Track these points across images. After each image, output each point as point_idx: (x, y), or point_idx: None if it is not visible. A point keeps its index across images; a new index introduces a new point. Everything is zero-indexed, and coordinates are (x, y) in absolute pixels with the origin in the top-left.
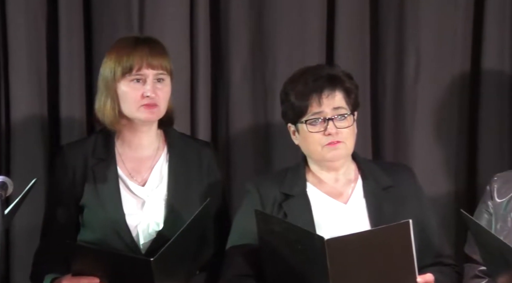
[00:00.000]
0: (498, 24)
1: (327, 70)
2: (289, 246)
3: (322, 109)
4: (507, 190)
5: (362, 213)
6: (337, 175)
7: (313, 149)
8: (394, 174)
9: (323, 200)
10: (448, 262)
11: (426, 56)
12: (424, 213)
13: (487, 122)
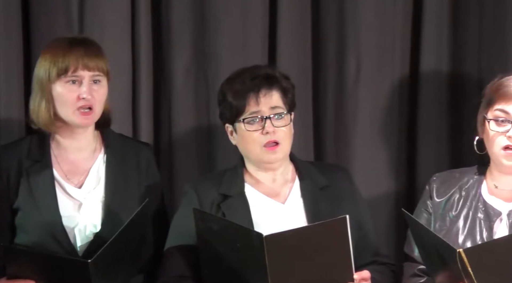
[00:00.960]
0: (436, 27)
1: (264, 70)
2: (227, 244)
3: (259, 108)
4: (446, 189)
5: (299, 212)
6: (275, 175)
7: (251, 148)
8: (330, 174)
9: (261, 200)
10: (384, 261)
11: (366, 58)
12: (360, 213)
13: (426, 123)
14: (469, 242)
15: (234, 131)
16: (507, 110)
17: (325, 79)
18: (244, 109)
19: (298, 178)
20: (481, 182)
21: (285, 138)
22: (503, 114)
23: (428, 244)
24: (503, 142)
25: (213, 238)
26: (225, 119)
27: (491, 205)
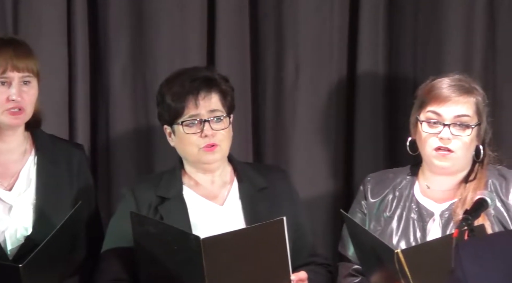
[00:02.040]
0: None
1: (204, 72)
2: (165, 247)
3: (198, 112)
4: (380, 190)
5: (238, 214)
6: (213, 177)
7: (189, 150)
8: (268, 176)
9: (199, 202)
10: (321, 261)
11: (305, 60)
12: (297, 213)
13: (363, 124)
14: (403, 242)
15: (172, 133)
16: (439, 112)
17: (264, 80)
18: (183, 112)
19: (237, 180)
20: (414, 182)
21: (223, 140)
22: (435, 116)
23: (365, 245)
24: (435, 143)
25: (150, 242)
26: (163, 121)
27: (424, 206)
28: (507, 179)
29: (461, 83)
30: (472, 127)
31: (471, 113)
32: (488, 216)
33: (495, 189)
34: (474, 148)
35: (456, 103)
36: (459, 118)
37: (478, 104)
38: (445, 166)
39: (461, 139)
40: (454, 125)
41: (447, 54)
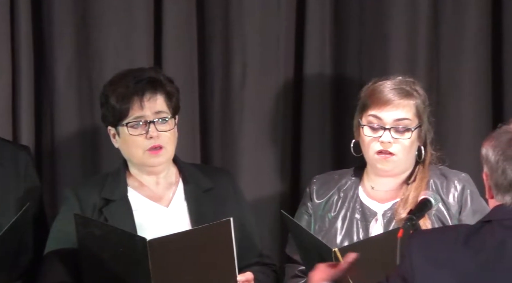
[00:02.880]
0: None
1: (148, 73)
2: (110, 250)
3: (143, 113)
4: (325, 191)
5: (183, 215)
6: (158, 178)
7: (134, 152)
8: (214, 177)
9: (145, 204)
10: (266, 262)
11: (252, 61)
12: (243, 214)
13: (310, 126)
14: (346, 242)
15: (117, 135)
16: (380, 116)
17: (211, 81)
18: (127, 114)
19: (182, 181)
20: (359, 183)
21: (169, 142)
22: (376, 120)
23: (307, 244)
24: (376, 146)
25: (95, 244)
26: (107, 122)
27: (368, 206)
28: (448, 179)
29: (401, 86)
30: (412, 131)
31: (411, 116)
32: (429, 215)
33: (436, 189)
34: (416, 149)
35: (396, 107)
36: (400, 122)
37: (418, 107)
38: (387, 169)
39: (402, 143)
40: (394, 129)
41: (392, 56)
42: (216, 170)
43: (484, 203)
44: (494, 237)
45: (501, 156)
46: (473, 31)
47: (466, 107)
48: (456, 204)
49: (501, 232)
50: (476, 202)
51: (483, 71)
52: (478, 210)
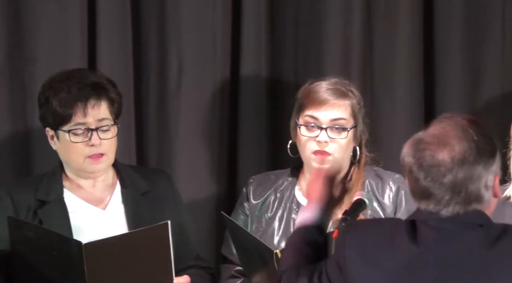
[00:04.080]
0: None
1: (92, 77)
2: (44, 253)
3: (86, 120)
4: (262, 191)
5: (120, 218)
6: (95, 181)
7: (74, 159)
8: (152, 179)
9: (81, 206)
10: (203, 265)
11: (188, 62)
12: (181, 217)
13: (246, 126)
14: (283, 242)
15: (55, 137)
16: (316, 116)
17: (147, 83)
18: (70, 119)
19: (120, 184)
20: (295, 183)
21: (110, 149)
22: (312, 120)
23: (246, 246)
24: (313, 146)
25: (29, 247)
26: (46, 123)
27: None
28: (383, 180)
29: (337, 87)
30: (348, 130)
31: (347, 116)
32: (365, 216)
33: (372, 189)
34: (351, 149)
35: (332, 107)
36: (336, 121)
37: (353, 107)
38: (324, 168)
39: (338, 142)
40: (331, 129)
41: (327, 58)
42: (155, 172)
43: None
44: (419, 236)
45: (415, 164)
46: (405, 34)
47: (399, 109)
48: (391, 204)
49: (426, 232)
50: (410, 202)
51: (416, 74)
52: (412, 210)
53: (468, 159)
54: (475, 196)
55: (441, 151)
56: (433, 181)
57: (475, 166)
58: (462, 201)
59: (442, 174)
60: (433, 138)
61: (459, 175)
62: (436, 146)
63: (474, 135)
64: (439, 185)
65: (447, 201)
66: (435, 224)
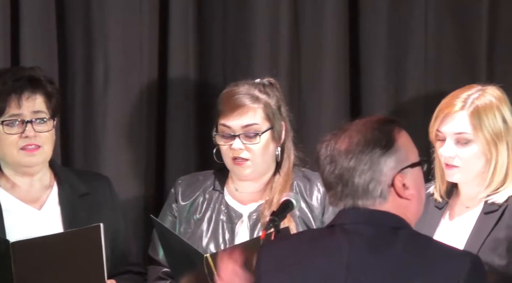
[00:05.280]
0: (182, 34)
1: (28, 71)
2: None
3: (20, 111)
4: (191, 192)
5: (56, 219)
6: (32, 180)
7: (8, 151)
8: (91, 182)
9: (16, 205)
10: (137, 270)
11: (115, 64)
12: (118, 222)
13: (174, 129)
14: (212, 244)
15: None
16: (229, 125)
17: (73, 83)
18: (3, 111)
19: (57, 184)
20: (224, 184)
21: (46, 143)
22: (226, 128)
23: (175, 249)
24: (230, 153)
25: None
26: None
27: (233, 208)
28: (311, 181)
29: (248, 92)
30: (260, 135)
31: (259, 120)
32: (294, 217)
33: (300, 191)
34: (272, 151)
35: (242, 114)
36: (248, 127)
37: (267, 110)
38: (244, 174)
39: (253, 147)
40: (244, 135)
41: (255, 60)
42: (95, 175)
43: None
44: (336, 242)
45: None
46: (332, 36)
47: (326, 110)
48: (319, 206)
49: (342, 236)
50: None
51: (342, 75)
52: None
53: (355, 149)
54: (363, 189)
55: (339, 142)
56: (329, 171)
57: (360, 157)
58: (351, 194)
59: (334, 164)
60: (339, 132)
61: (344, 165)
62: (338, 137)
63: (372, 130)
64: (334, 176)
65: (340, 193)
66: (351, 228)
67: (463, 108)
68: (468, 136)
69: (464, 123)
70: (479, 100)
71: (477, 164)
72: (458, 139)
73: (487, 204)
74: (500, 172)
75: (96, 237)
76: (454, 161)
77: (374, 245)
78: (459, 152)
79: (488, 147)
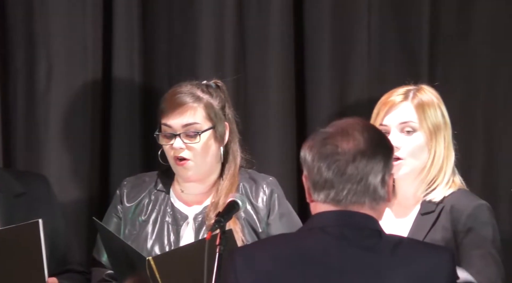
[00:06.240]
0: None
1: None
2: None
3: None
4: (136, 194)
5: None
6: None
7: None
8: (28, 182)
9: None
10: (79, 270)
11: (58, 64)
12: (57, 221)
13: (119, 129)
14: (157, 246)
15: None
16: (170, 124)
17: (15, 83)
18: None
19: None
20: (170, 186)
21: None
22: (167, 128)
23: (118, 251)
24: (172, 153)
25: None
26: None
27: (179, 209)
28: (257, 182)
29: (190, 92)
30: (200, 134)
31: (200, 120)
32: (239, 219)
33: (246, 192)
34: (215, 151)
35: (183, 113)
36: (188, 127)
37: (209, 109)
38: (187, 175)
39: (193, 147)
40: (184, 135)
41: (200, 60)
42: (31, 175)
43: (290, 206)
44: (318, 245)
45: (316, 155)
46: (277, 35)
47: (272, 111)
48: (265, 207)
49: (324, 239)
50: (283, 206)
51: (287, 76)
52: (284, 214)
53: (368, 150)
54: (373, 189)
55: (344, 141)
56: (334, 171)
57: (375, 157)
58: (361, 192)
59: (344, 163)
60: (336, 131)
61: (360, 165)
62: (340, 136)
63: (373, 131)
64: (341, 175)
65: (347, 191)
66: (332, 231)
67: (406, 99)
68: (414, 125)
69: (410, 113)
70: (421, 94)
71: (420, 157)
72: (403, 128)
73: (424, 204)
74: (436, 163)
75: (35, 234)
76: (400, 152)
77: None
78: (405, 141)
79: (430, 137)
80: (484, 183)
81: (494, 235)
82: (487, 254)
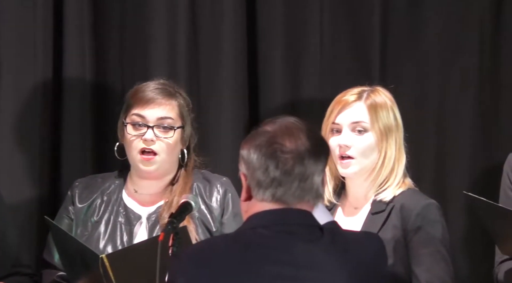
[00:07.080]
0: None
1: None
2: None
3: None
4: (88, 194)
5: None
6: None
7: None
8: None
9: None
10: (26, 272)
11: (7, 63)
12: (4, 222)
13: (70, 130)
14: (109, 246)
15: None
16: (143, 115)
17: None
18: None
19: None
20: (123, 186)
21: None
22: (139, 118)
23: (70, 251)
24: (139, 145)
25: None
26: None
27: (132, 209)
28: (211, 182)
29: (165, 87)
30: (175, 129)
31: (174, 115)
32: (193, 219)
33: (200, 192)
34: (178, 151)
35: (159, 106)
36: (163, 120)
37: (181, 108)
38: (150, 170)
39: (165, 141)
40: (157, 127)
41: (153, 59)
42: None
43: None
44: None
45: (264, 155)
46: (230, 38)
47: (225, 112)
48: (219, 207)
49: (272, 237)
50: (237, 205)
51: (240, 78)
52: (238, 213)
53: (314, 150)
54: (316, 188)
55: (291, 141)
56: (282, 170)
57: (320, 158)
58: (305, 190)
59: (292, 163)
60: (280, 130)
61: (308, 164)
62: (286, 136)
63: (314, 131)
64: (289, 174)
65: (294, 189)
66: (278, 229)
67: (360, 99)
68: (365, 125)
69: (362, 113)
70: (375, 96)
71: (370, 157)
72: (355, 128)
73: (375, 203)
74: (387, 164)
75: None
76: (350, 150)
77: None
78: (355, 140)
79: (381, 138)
80: (435, 184)
81: (443, 233)
82: (436, 252)
